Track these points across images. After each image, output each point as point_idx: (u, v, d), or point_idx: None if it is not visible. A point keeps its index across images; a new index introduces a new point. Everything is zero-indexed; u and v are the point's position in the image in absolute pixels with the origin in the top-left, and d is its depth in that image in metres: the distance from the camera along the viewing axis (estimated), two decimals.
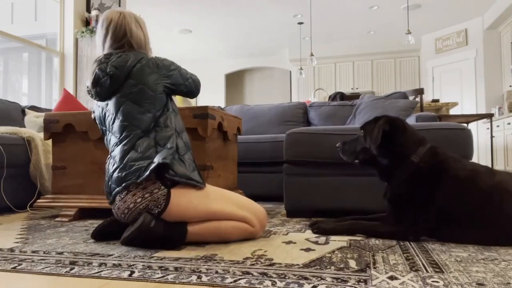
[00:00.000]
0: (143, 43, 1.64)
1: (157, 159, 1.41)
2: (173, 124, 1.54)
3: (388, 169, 1.57)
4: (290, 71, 9.19)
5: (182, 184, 1.44)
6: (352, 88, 8.47)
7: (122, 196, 1.42)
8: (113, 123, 1.52)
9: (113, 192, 1.45)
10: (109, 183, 1.48)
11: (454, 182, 1.44)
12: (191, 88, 1.66)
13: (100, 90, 1.53)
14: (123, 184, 1.42)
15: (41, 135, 2.64)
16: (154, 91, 1.50)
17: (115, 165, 1.46)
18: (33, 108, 3.52)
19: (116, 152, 1.49)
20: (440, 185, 1.45)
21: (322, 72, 8.65)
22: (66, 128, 2.25)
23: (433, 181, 1.47)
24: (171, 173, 1.41)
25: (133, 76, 1.49)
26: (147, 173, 1.39)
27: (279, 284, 0.98)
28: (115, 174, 1.45)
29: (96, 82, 1.52)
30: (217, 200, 1.46)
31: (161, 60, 1.57)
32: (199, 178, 1.49)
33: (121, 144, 1.48)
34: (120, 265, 1.18)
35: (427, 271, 1.08)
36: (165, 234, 1.38)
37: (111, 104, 1.53)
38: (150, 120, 1.48)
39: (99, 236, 1.53)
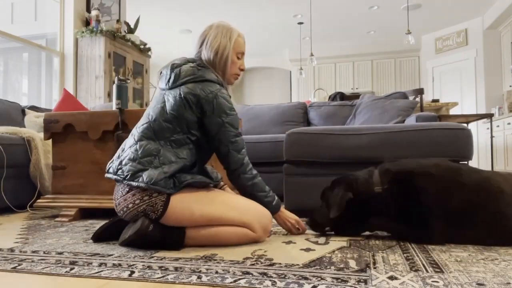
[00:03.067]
0: (211, 60, 1.52)
1: (146, 177, 1.36)
2: (188, 158, 1.45)
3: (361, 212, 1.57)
4: (290, 71, 9.19)
5: (187, 187, 1.41)
6: (352, 88, 8.47)
7: (123, 193, 1.41)
8: (150, 110, 1.52)
9: (109, 171, 1.47)
10: (113, 160, 1.49)
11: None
12: (223, 152, 1.48)
13: (160, 83, 1.57)
14: (114, 178, 1.43)
15: (41, 135, 2.65)
16: (178, 113, 1.44)
17: (122, 150, 1.49)
18: (33, 108, 3.52)
19: (131, 137, 1.50)
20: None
21: (322, 72, 8.65)
22: (66, 128, 2.25)
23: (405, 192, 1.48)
24: (176, 183, 1.39)
25: (177, 89, 1.46)
26: (134, 184, 1.36)
27: (279, 284, 0.98)
28: (116, 160, 1.46)
29: (160, 74, 1.57)
30: (216, 206, 1.42)
31: (218, 101, 1.44)
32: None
33: (136, 133, 1.48)
34: (120, 265, 1.18)
35: (427, 271, 1.08)
36: (162, 238, 1.37)
37: (158, 95, 1.55)
38: (167, 131, 1.44)
39: (99, 239, 1.53)
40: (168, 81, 1.50)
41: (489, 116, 4.59)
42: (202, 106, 1.43)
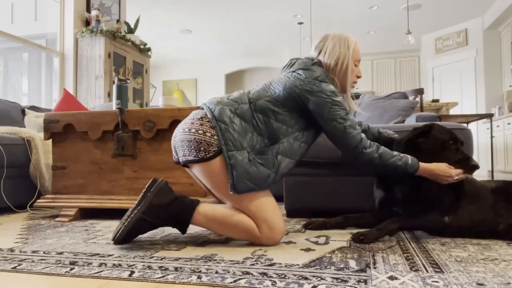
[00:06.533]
0: (330, 68, 1.55)
1: (216, 108, 1.43)
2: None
3: None
4: None
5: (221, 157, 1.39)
6: (352, 88, 8.45)
7: (193, 117, 1.45)
8: None
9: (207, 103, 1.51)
10: None
11: None
12: (340, 130, 1.45)
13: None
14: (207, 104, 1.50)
15: (41, 135, 2.65)
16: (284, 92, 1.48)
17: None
18: (33, 108, 3.52)
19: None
20: None
21: None
22: (66, 128, 2.25)
23: None
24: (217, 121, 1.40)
25: (286, 73, 1.54)
26: (208, 113, 1.43)
27: (279, 284, 0.98)
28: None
29: None
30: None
31: (321, 85, 1.44)
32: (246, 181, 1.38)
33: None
34: (120, 265, 1.18)
35: (427, 271, 1.08)
36: (176, 204, 1.41)
37: None
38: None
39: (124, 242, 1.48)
40: (283, 69, 1.60)
41: (489, 116, 4.58)
42: (307, 90, 1.44)
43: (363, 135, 1.49)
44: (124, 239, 1.42)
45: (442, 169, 1.53)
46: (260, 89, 1.52)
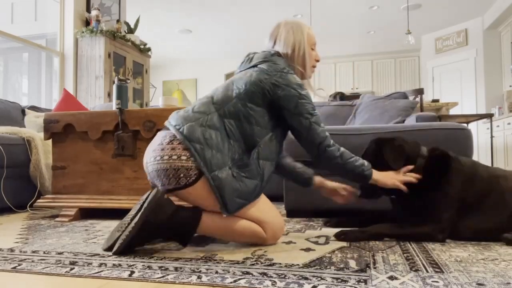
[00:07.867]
0: (288, 55, 1.53)
1: (185, 128, 1.32)
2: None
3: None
4: None
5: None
6: (352, 88, 8.47)
7: (162, 142, 1.35)
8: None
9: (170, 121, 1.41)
10: None
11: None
12: (305, 126, 1.41)
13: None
14: (167, 124, 1.41)
15: (41, 135, 2.65)
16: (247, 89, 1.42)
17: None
18: (33, 108, 3.52)
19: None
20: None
21: (322, 72, 8.65)
22: (66, 128, 2.25)
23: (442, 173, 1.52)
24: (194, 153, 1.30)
25: (248, 69, 1.50)
26: (176, 135, 1.33)
27: (279, 284, 0.98)
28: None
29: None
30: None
31: (288, 76, 1.42)
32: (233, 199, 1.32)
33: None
34: (120, 265, 1.18)
35: (427, 271, 1.08)
36: (176, 217, 1.33)
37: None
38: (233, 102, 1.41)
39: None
40: (241, 65, 1.56)
41: (489, 116, 4.59)
42: (274, 83, 1.40)
43: (327, 133, 1.46)
44: (122, 252, 1.32)
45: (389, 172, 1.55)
46: (222, 93, 1.44)
